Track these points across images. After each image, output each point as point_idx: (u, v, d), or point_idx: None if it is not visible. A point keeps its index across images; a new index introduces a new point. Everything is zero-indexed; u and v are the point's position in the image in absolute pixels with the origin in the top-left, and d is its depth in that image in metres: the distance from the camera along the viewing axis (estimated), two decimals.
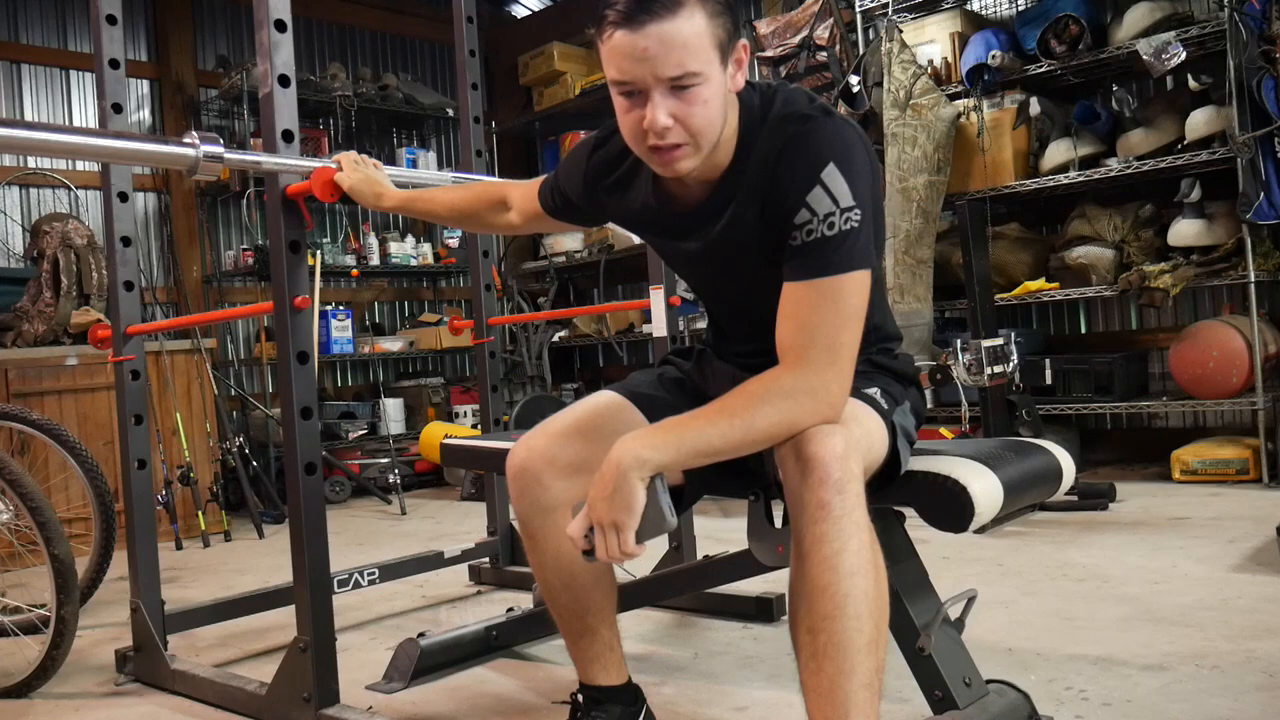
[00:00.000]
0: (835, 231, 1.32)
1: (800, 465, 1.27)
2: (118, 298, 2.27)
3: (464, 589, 3.04)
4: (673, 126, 1.33)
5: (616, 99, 1.37)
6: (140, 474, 2.28)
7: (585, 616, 1.61)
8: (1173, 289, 3.88)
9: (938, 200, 4.29)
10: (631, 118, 1.36)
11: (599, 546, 1.29)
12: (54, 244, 4.07)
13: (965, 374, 3.13)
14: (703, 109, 1.33)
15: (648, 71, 1.30)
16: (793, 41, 4.81)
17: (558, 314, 5.56)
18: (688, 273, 1.68)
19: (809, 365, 1.31)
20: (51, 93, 5.12)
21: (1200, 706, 1.74)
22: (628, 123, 1.37)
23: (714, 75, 1.33)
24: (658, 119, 1.32)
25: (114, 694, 2.25)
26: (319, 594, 1.86)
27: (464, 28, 2.95)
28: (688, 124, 1.33)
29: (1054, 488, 1.67)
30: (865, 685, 1.22)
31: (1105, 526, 3.26)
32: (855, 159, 1.35)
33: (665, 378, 1.72)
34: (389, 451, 5.27)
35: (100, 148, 1.73)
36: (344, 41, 6.18)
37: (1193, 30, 3.90)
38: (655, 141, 1.35)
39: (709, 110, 1.34)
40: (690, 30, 1.29)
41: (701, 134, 1.35)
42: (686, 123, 1.33)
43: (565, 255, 6.05)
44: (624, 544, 1.28)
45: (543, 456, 1.56)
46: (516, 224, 1.87)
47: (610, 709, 1.63)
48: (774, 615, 2.42)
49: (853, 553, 1.24)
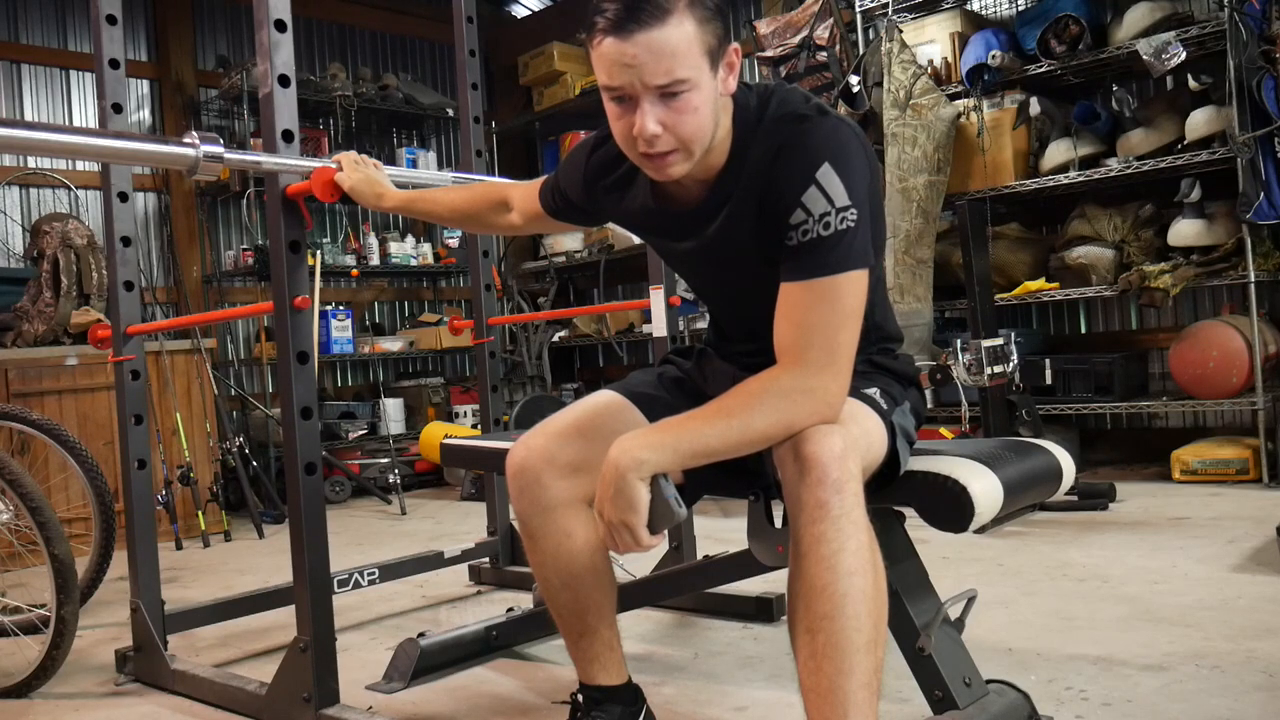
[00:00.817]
0: (831, 232, 1.32)
1: (798, 465, 1.27)
2: (118, 298, 2.28)
3: (464, 589, 3.04)
4: (662, 134, 1.33)
5: (608, 104, 1.37)
6: (140, 474, 2.28)
7: (585, 616, 1.61)
8: (1173, 289, 3.88)
9: (938, 200, 4.29)
10: (622, 124, 1.36)
11: (612, 544, 1.32)
12: (54, 244, 4.07)
13: (965, 374, 3.13)
14: (692, 116, 1.33)
15: (636, 79, 1.30)
16: (793, 41, 4.81)
17: (558, 314, 5.56)
18: (687, 273, 1.69)
19: (806, 365, 1.31)
20: (51, 93, 5.12)
21: (1200, 706, 1.74)
22: (619, 128, 1.38)
23: (704, 81, 1.32)
24: (646, 127, 1.32)
25: (114, 694, 2.25)
26: (319, 594, 1.86)
27: (464, 28, 2.96)
28: (677, 131, 1.33)
29: (1054, 488, 1.67)
30: (864, 685, 1.22)
31: (1105, 526, 3.26)
32: (851, 159, 1.35)
33: (665, 377, 1.72)
34: (389, 451, 5.27)
35: (100, 148, 1.73)
36: (344, 41, 6.18)
37: (1193, 30, 3.90)
38: (645, 149, 1.35)
39: (698, 117, 1.34)
40: (679, 38, 1.29)
41: (691, 140, 1.35)
42: (675, 130, 1.33)
43: (565, 255, 6.05)
44: (637, 540, 1.30)
45: (542, 456, 1.56)
46: (518, 224, 1.88)
47: (610, 709, 1.63)
48: (774, 615, 2.42)
49: (851, 553, 1.24)
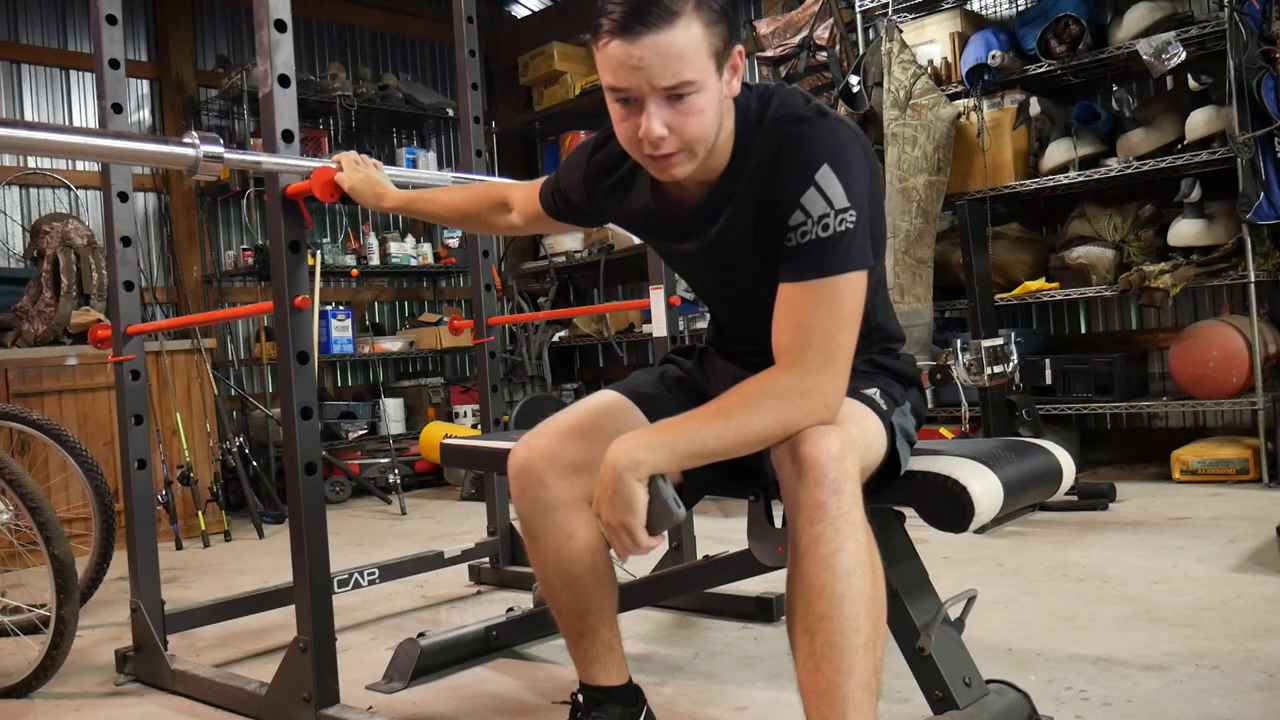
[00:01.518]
0: (830, 233, 1.32)
1: (796, 466, 1.27)
2: (118, 298, 2.27)
3: (464, 589, 3.04)
4: (667, 136, 1.33)
5: (612, 105, 1.37)
6: (140, 474, 2.28)
7: (586, 616, 1.61)
8: (1173, 289, 3.88)
9: (938, 200, 4.29)
10: (627, 125, 1.36)
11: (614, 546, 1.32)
12: (54, 244, 4.07)
13: (965, 374, 3.13)
14: (698, 119, 1.33)
15: (643, 81, 1.30)
16: (793, 41, 4.80)
17: (558, 314, 5.55)
18: (688, 274, 1.69)
19: (805, 366, 1.31)
20: (51, 93, 5.12)
21: (1200, 706, 1.74)
22: (624, 130, 1.38)
23: (709, 84, 1.32)
24: (652, 129, 1.32)
25: (114, 694, 2.25)
26: (319, 594, 1.86)
27: (464, 28, 2.96)
28: (682, 134, 1.33)
29: (1054, 488, 1.67)
30: (863, 685, 1.22)
31: (1105, 526, 3.26)
32: (851, 160, 1.35)
33: (667, 377, 1.72)
34: (389, 451, 5.27)
35: (100, 148, 1.73)
36: (344, 41, 6.18)
37: (1193, 30, 3.90)
38: (650, 151, 1.35)
39: (704, 119, 1.34)
40: (686, 40, 1.28)
41: (696, 142, 1.35)
42: (681, 132, 1.33)
43: (565, 255, 6.05)
44: (636, 541, 1.30)
45: (544, 456, 1.56)
46: (518, 225, 1.88)
47: (611, 709, 1.63)
48: (774, 615, 2.42)
49: (849, 553, 1.24)
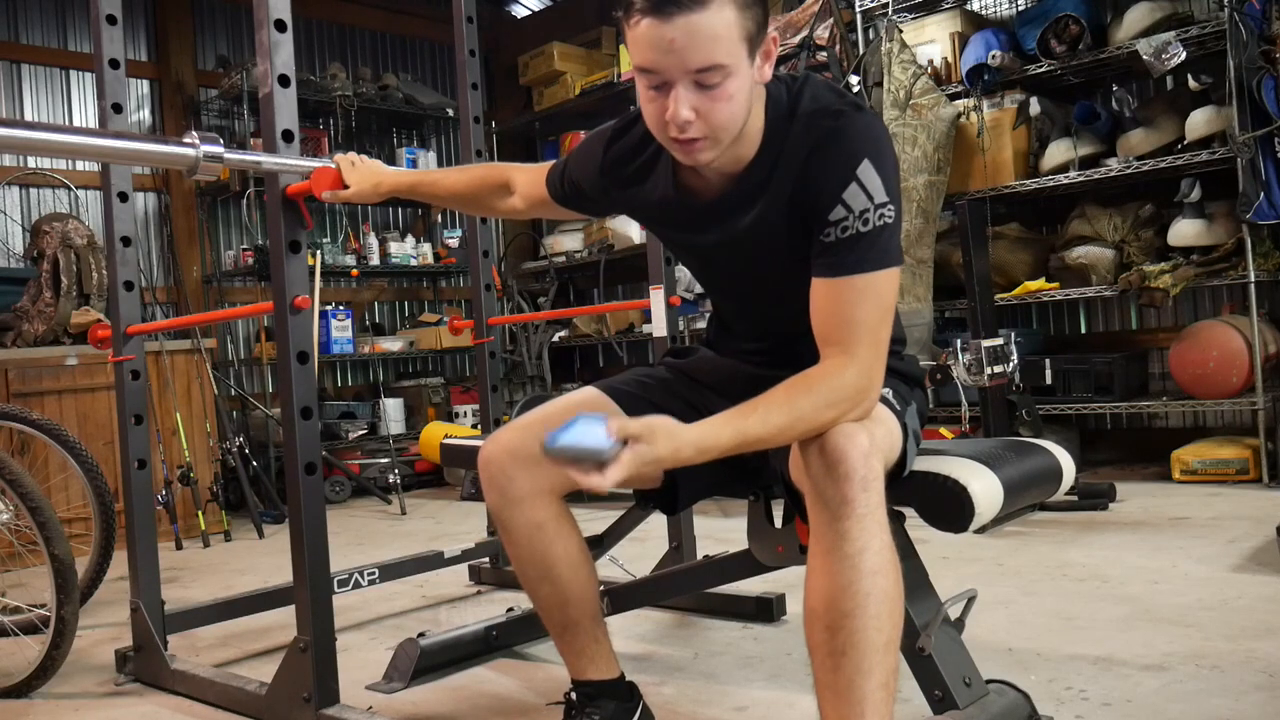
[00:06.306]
0: (870, 228, 1.31)
1: (825, 460, 1.26)
2: (118, 298, 2.27)
3: (464, 589, 3.04)
4: (694, 121, 1.30)
5: (640, 84, 1.35)
6: (140, 474, 2.27)
7: (566, 608, 1.61)
8: (1173, 289, 3.88)
9: (938, 200, 4.29)
10: (655, 106, 1.34)
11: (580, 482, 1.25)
12: (54, 244, 4.07)
13: (965, 374, 3.13)
14: (726, 104, 1.31)
15: (674, 63, 1.27)
16: (793, 41, 4.80)
17: (558, 314, 5.56)
18: (700, 266, 1.67)
19: (858, 361, 1.31)
20: (51, 93, 5.12)
21: (1200, 706, 1.74)
22: (651, 110, 1.35)
23: (741, 68, 1.30)
24: (679, 113, 1.30)
25: (114, 694, 2.25)
26: (319, 594, 1.86)
27: (464, 28, 2.95)
28: (709, 119, 1.31)
29: (1054, 488, 1.67)
30: (882, 685, 1.22)
31: (1105, 526, 3.26)
32: (886, 155, 1.34)
33: (653, 377, 1.71)
34: (389, 451, 5.27)
35: (100, 148, 1.73)
36: (344, 41, 6.18)
37: (1193, 30, 3.90)
38: (676, 134, 1.33)
39: (733, 105, 1.31)
40: (720, 23, 1.26)
41: (723, 128, 1.33)
42: (708, 118, 1.31)
43: (565, 255, 6.05)
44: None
45: (507, 449, 1.56)
46: (519, 208, 1.85)
47: (604, 704, 1.62)
48: (774, 615, 2.42)
49: (875, 551, 1.23)
